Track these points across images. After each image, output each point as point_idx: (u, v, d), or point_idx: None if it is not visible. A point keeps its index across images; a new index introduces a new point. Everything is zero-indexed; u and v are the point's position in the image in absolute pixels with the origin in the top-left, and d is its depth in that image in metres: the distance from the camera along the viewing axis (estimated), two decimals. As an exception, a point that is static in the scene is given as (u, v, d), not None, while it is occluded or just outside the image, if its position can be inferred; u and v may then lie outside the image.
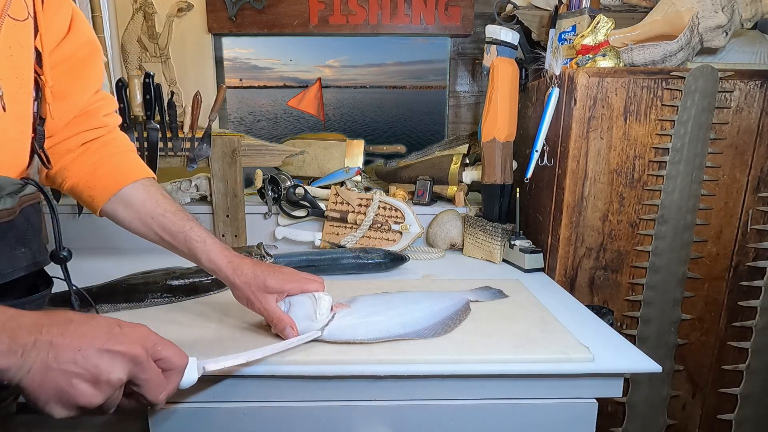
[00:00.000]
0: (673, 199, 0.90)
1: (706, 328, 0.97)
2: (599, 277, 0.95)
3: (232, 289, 0.64)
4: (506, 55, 1.09)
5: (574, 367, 0.59)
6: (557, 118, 0.93)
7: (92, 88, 0.65)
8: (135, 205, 0.65)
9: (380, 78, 1.46)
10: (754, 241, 0.93)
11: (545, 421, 0.62)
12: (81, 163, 0.65)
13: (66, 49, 0.59)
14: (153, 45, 1.39)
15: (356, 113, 1.49)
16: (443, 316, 0.70)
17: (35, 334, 0.35)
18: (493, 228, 1.05)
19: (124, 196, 0.65)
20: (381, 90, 1.47)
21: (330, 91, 1.47)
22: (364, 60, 1.45)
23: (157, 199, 0.66)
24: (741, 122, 0.89)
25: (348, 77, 1.46)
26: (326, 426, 0.61)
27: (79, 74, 0.61)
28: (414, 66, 1.45)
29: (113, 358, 0.37)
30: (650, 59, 0.87)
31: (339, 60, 1.44)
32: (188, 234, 0.63)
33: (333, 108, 1.49)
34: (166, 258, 1.04)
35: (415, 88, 1.47)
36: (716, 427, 1.02)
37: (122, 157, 0.68)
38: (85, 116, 0.65)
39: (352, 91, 1.47)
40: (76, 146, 0.64)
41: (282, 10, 1.36)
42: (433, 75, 1.46)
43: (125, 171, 0.66)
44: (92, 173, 0.65)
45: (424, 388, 0.60)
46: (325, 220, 1.17)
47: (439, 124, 1.49)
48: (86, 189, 0.65)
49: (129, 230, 0.67)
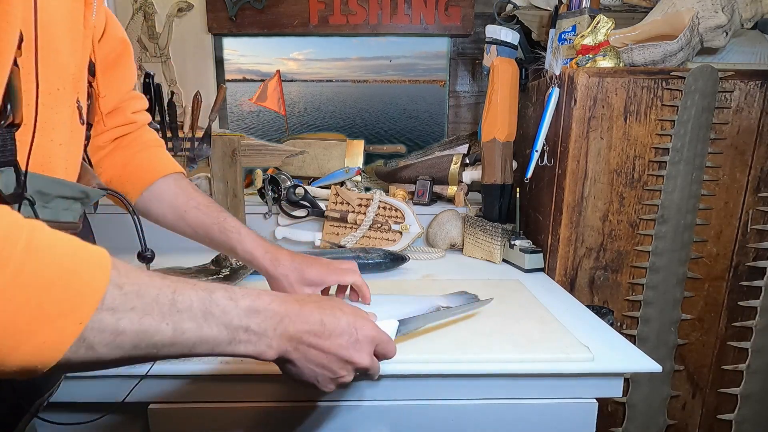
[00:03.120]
0: (673, 199, 0.90)
1: (706, 328, 0.97)
2: (599, 277, 0.95)
3: (269, 279, 0.65)
4: (506, 55, 1.09)
5: (574, 366, 0.59)
6: (557, 118, 0.93)
7: (126, 87, 0.65)
8: (167, 199, 0.66)
9: (377, 74, 1.46)
10: (754, 241, 0.93)
11: (545, 421, 0.62)
12: (112, 159, 0.65)
13: (102, 50, 0.58)
14: (153, 45, 1.39)
15: (354, 110, 1.49)
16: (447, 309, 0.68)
17: (296, 342, 0.41)
18: (493, 228, 1.05)
19: (156, 191, 0.66)
20: (380, 89, 1.47)
21: (322, 85, 1.47)
22: (365, 54, 1.45)
23: (189, 193, 0.67)
24: (741, 122, 0.89)
25: (340, 72, 1.46)
26: (326, 426, 0.61)
27: (113, 74, 0.61)
28: (409, 63, 1.45)
29: (349, 366, 0.45)
30: (650, 59, 0.87)
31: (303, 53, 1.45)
32: (223, 225, 0.64)
33: (331, 104, 1.49)
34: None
35: (412, 82, 1.47)
36: (716, 427, 1.02)
37: (152, 152, 0.68)
38: (114, 113, 0.65)
39: (350, 85, 1.47)
40: (106, 143, 0.65)
41: (282, 10, 1.36)
42: (432, 74, 1.46)
43: (155, 166, 0.67)
44: (123, 168, 0.66)
45: (424, 388, 0.60)
46: (325, 220, 1.17)
47: (439, 124, 1.49)
48: (119, 185, 0.65)
49: (163, 226, 0.68)
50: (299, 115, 1.50)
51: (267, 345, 0.39)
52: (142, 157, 0.67)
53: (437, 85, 1.46)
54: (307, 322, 0.42)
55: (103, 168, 0.66)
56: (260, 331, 0.39)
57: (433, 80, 1.46)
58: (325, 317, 0.43)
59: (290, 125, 1.48)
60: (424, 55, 1.44)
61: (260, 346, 0.39)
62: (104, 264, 0.31)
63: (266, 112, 1.48)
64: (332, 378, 0.45)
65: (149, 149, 0.68)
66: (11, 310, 0.27)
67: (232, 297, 0.38)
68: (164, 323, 0.33)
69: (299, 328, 0.41)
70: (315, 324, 0.42)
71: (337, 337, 0.44)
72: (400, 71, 1.46)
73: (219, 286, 0.38)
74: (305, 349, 0.42)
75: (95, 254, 0.32)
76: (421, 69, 1.45)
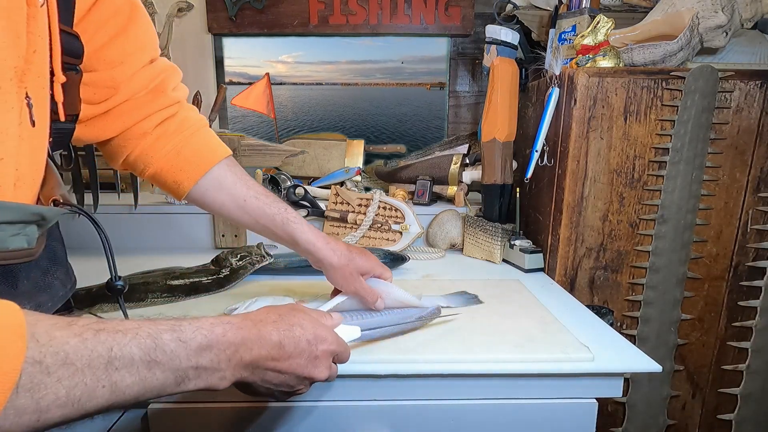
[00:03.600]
0: (673, 199, 0.90)
1: (706, 328, 0.97)
2: (599, 277, 0.95)
3: (328, 268, 0.66)
4: (506, 55, 1.09)
5: (574, 366, 0.59)
6: (557, 118, 0.93)
7: (144, 52, 0.58)
8: (226, 187, 0.63)
9: (373, 77, 1.46)
10: (754, 241, 0.93)
11: (545, 421, 0.62)
12: (162, 147, 0.61)
13: (99, 15, 0.52)
14: (153, 45, 1.38)
15: (353, 112, 1.49)
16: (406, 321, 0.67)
17: (252, 368, 0.41)
18: (493, 228, 1.05)
19: (212, 179, 0.63)
20: (378, 88, 1.48)
21: (323, 88, 1.47)
22: (364, 57, 1.45)
23: (247, 181, 0.65)
24: (741, 122, 0.89)
25: (340, 75, 1.46)
26: (326, 426, 0.61)
27: (125, 40, 0.55)
28: (397, 66, 1.45)
29: (307, 381, 0.46)
30: (650, 59, 0.87)
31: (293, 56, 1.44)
32: (284, 216, 0.65)
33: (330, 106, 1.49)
34: (166, 258, 1.04)
35: (400, 85, 1.47)
36: (716, 427, 1.02)
37: (202, 136, 0.64)
38: (153, 94, 0.60)
39: (351, 88, 1.47)
40: (151, 128, 0.60)
41: (282, 10, 1.36)
42: (432, 74, 1.46)
43: (209, 151, 0.63)
44: (176, 156, 0.61)
45: (424, 388, 0.60)
46: (325, 220, 1.17)
47: (439, 124, 1.49)
48: (171, 174, 0.62)
49: (218, 213, 0.66)
50: (287, 120, 1.49)
51: (220, 377, 0.38)
52: (195, 141, 0.62)
53: (424, 88, 1.47)
54: (264, 347, 0.41)
55: (153, 158, 0.61)
56: (212, 366, 0.37)
57: (419, 83, 1.47)
58: (285, 338, 0.43)
59: (279, 128, 1.48)
60: (418, 59, 1.44)
61: (212, 380, 0.37)
62: (18, 336, 0.27)
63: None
64: (288, 392, 0.45)
65: (200, 131, 0.64)
66: None
67: (181, 338, 0.35)
68: (100, 386, 0.30)
69: (256, 354, 0.40)
70: (273, 348, 0.42)
71: (296, 357, 0.43)
72: (388, 75, 1.46)
73: (167, 326, 0.35)
74: (262, 372, 0.41)
75: (8, 328, 0.27)
76: (408, 72, 1.45)
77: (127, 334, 0.32)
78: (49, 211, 0.41)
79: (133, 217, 1.15)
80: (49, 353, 0.28)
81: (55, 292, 0.47)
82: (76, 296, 0.76)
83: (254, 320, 0.42)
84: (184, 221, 1.16)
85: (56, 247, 0.49)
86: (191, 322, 0.37)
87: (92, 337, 0.30)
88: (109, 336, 0.31)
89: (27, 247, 0.40)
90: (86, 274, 0.79)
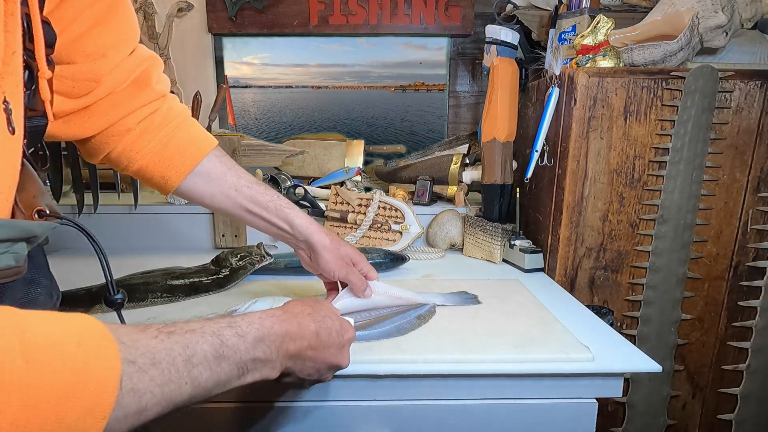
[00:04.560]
0: (673, 199, 0.90)
1: (706, 328, 0.97)
2: (599, 277, 0.95)
3: (322, 251, 0.66)
4: (506, 55, 1.09)
5: (574, 366, 0.59)
6: (557, 118, 0.93)
7: (126, 43, 0.55)
8: (216, 179, 0.62)
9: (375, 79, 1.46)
10: (754, 241, 0.93)
11: (545, 421, 0.62)
12: (147, 142, 0.59)
13: (76, 2, 0.48)
14: (153, 45, 1.39)
15: (357, 113, 1.49)
16: (401, 320, 0.68)
17: (295, 359, 0.44)
18: (493, 228, 1.05)
19: (202, 171, 0.62)
20: (380, 91, 1.48)
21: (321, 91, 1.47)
22: (364, 59, 1.45)
23: (237, 171, 0.64)
24: (741, 122, 0.89)
25: (310, 78, 1.46)
26: (326, 426, 0.61)
27: (106, 30, 0.52)
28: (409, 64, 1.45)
29: (334, 370, 0.50)
30: (650, 59, 0.87)
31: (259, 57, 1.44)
32: (278, 203, 0.65)
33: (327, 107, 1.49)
34: (166, 258, 1.04)
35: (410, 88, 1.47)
36: (716, 427, 1.02)
37: (188, 128, 0.62)
38: (136, 86, 0.57)
39: (351, 92, 1.47)
40: (135, 123, 0.57)
41: (282, 10, 1.36)
42: (433, 76, 1.46)
43: (197, 144, 0.62)
44: (162, 151, 0.59)
45: (424, 388, 0.60)
46: (325, 220, 1.17)
47: (439, 125, 1.49)
48: (158, 170, 0.60)
49: (207, 205, 0.65)
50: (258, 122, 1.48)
51: (271, 368, 0.41)
52: (180, 135, 0.61)
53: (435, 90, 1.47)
54: (305, 338, 0.45)
55: (138, 154, 0.58)
56: (266, 357, 0.40)
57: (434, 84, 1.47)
58: (320, 329, 0.46)
59: (273, 130, 1.48)
60: (418, 62, 1.44)
61: (265, 371, 0.41)
62: (109, 340, 0.28)
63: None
64: (316, 379, 0.49)
65: (185, 122, 0.62)
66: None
67: (239, 333, 0.38)
68: (183, 382, 0.32)
69: (299, 345, 0.44)
70: (312, 337, 0.45)
71: (330, 347, 0.47)
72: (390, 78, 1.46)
73: (224, 323, 0.38)
74: (302, 361, 0.45)
75: (97, 333, 0.28)
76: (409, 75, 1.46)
77: (195, 333, 0.35)
78: (40, 226, 0.40)
79: (133, 217, 1.15)
80: (138, 354, 0.29)
81: (43, 304, 0.46)
82: (75, 297, 0.76)
83: (293, 312, 0.46)
84: (184, 221, 1.16)
85: (38, 257, 0.47)
86: (243, 318, 0.40)
87: (167, 338, 0.32)
88: (182, 337, 0.34)
89: (15, 265, 0.38)
90: (87, 274, 0.79)
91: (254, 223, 0.66)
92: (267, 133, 1.49)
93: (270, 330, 0.41)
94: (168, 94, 0.62)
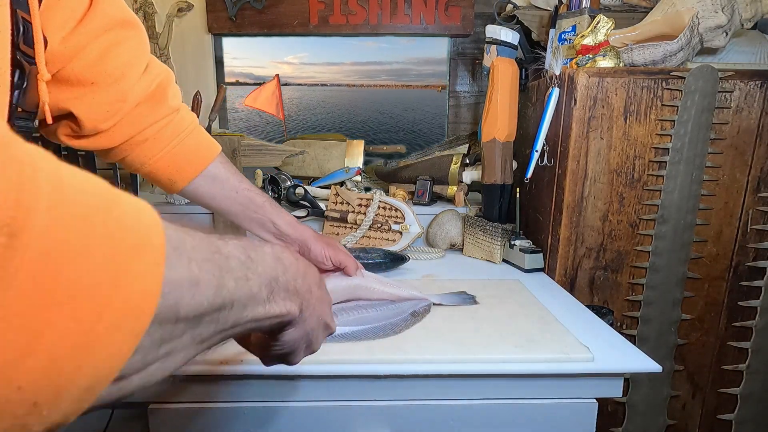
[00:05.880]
0: (673, 199, 0.90)
1: (706, 328, 0.97)
2: (599, 277, 0.95)
3: (313, 241, 0.72)
4: (506, 55, 1.09)
5: (574, 367, 0.59)
6: (557, 118, 0.93)
7: (135, 70, 0.58)
8: (220, 181, 0.69)
9: (379, 78, 1.46)
10: (754, 241, 0.93)
11: (545, 421, 0.62)
12: (159, 150, 0.63)
13: (90, 29, 0.50)
14: (153, 45, 1.39)
15: (354, 113, 1.49)
16: (395, 318, 0.69)
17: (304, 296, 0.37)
18: (493, 228, 1.05)
19: (208, 175, 0.68)
20: (378, 89, 1.48)
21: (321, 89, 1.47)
22: (362, 58, 1.45)
23: (238, 175, 0.71)
24: (741, 122, 0.89)
25: (339, 76, 1.46)
26: (326, 426, 0.61)
27: (117, 56, 0.54)
28: (404, 68, 1.45)
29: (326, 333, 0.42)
30: (650, 59, 0.87)
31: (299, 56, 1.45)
32: (269, 202, 0.72)
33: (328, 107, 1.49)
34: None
35: (406, 86, 1.47)
36: (716, 427, 1.02)
37: (196, 136, 0.67)
38: (153, 101, 0.61)
39: (348, 89, 1.47)
40: (151, 135, 0.62)
41: (282, 10, 1.36)
42: (432, 75, 1.46)
43: (203, 150, 0.67)
44: (171, 159, 0.65)
45: (424, 388, 0.60)
46: (325, 220, 1.17)
47: (439, 125, 1.49)
48: (166, 173, 0.65)
49: (207, 205, 0.71)
50: (291, 119, 1.50)
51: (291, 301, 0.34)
52: (190, 142, 0.66)
53: (435, 90, 1.47)
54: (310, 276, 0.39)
55: (147, 159, 0.63)
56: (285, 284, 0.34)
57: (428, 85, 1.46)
58: (320, 279, 0.42)
59: (281, 129, 1.48)
60: (422, 60, 1.44)
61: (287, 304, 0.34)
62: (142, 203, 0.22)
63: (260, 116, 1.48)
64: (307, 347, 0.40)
65: (195, 131, 0.67)
66: None
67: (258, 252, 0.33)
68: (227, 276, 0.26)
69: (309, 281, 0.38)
70: (314, 279, 0.40)
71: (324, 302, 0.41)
72: (394, 76, 1.46)
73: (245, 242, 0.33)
74: (310, 308, 0.38)
75: None
76: (414, 74, 1.45)
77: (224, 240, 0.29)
78: None
79: (133, 217, 1.14)
80: (170, 226, 0.23)
81: None
82: None
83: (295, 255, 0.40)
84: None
85: None
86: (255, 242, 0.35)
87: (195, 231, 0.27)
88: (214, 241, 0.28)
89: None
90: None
91: (249, 224, 0.72)
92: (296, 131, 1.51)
93: (282, 254, 0.35)
94: (181, 106, 0.66)
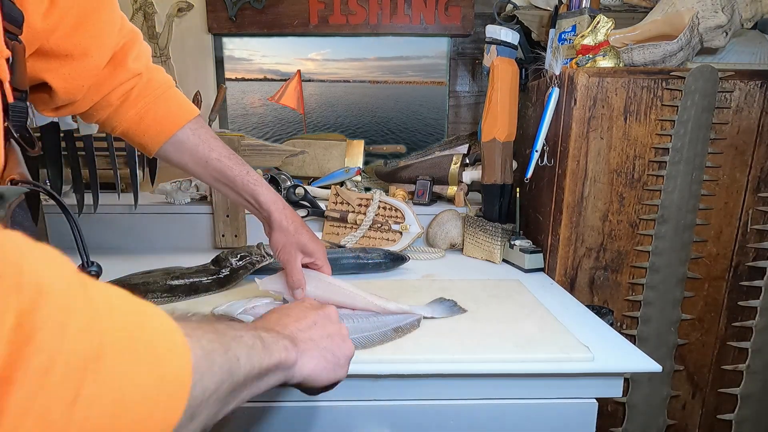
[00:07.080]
0: (673, 199, 0.90)
1: (706, 328, 0.97)
2: (599, 277, 0.95)
3: (276, 229, 0.68)
4: (506, 55, 1.09)
5: (574, 366, 0.59)
6: (557, 118, 0.93)
7: (109, 39, 0.58)
8: (188, 150, 0.66)
9: (377, 74, 1.46)
10: (754, 241, 0.93)
11: (545, 421, 0.62)
12: (125, 113, 0.63)
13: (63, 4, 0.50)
14: (153, 45, 1.39)
15: (353, 110, 1.49)
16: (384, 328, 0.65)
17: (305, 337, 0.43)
18: (493, 228, 1.05)
19: (175, 142, 0.66)
20: (378, 86, 1.48)
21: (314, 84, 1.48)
22: (362, 54, 1.45)
23: (210, 144, 0.67)
24: (741, 122, 0.89)
25: (339, 72, 1.46)
26: (326, 426, 0.61)
27: (91, 27, 0.53)
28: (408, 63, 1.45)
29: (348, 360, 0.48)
30: (650, 59, 0.87)
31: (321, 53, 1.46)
32: (246, 178, 0.68)
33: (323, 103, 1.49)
34: (166, 258, 1.04)
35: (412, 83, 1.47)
36: (716, 427, 1.02)
37: (165, 101, 0.65)
38: (113, 66, 0.60)
39: (348, 85, 1.47)
40: (115, 100, 0.62)
41: (282, 10, 1.36)
42: (433, 74, 1.46)
43: (171, 117, 0.65)
44: (138, 123, 0.64)
45: (424, 388, 0.60)
46: (325, 220, 1.17)
47: (439, 125, 1.49)
48: (136, 137, 0.65)
49: (187, 171, 0.69)
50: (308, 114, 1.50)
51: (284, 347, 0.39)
52: (157, 108, 0.64)
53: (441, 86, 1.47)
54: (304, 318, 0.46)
55: (117, 122, 0.63)
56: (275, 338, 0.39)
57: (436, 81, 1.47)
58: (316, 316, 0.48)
59: (297, 124, 1.48)
60: (430, 56, 1.44)
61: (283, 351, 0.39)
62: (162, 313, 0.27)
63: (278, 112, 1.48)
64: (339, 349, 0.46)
65: (165, 95, 0.65)
66: None
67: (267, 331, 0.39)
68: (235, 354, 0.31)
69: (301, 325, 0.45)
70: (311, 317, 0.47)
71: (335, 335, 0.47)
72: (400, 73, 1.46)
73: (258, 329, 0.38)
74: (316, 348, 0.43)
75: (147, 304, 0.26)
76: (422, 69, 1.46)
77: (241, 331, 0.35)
78: (7, 190, 0.41)
79: (133, 217, 1.15)
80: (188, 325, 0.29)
81: None
82: None
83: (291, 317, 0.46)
84: (184, 221, 1.16)
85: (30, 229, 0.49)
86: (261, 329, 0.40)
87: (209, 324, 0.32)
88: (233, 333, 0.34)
89: None
90: (86, 274, 0.79)
91: (228, 195, 0.70)
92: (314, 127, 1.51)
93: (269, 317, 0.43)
94: (149, 66, 0.65)
